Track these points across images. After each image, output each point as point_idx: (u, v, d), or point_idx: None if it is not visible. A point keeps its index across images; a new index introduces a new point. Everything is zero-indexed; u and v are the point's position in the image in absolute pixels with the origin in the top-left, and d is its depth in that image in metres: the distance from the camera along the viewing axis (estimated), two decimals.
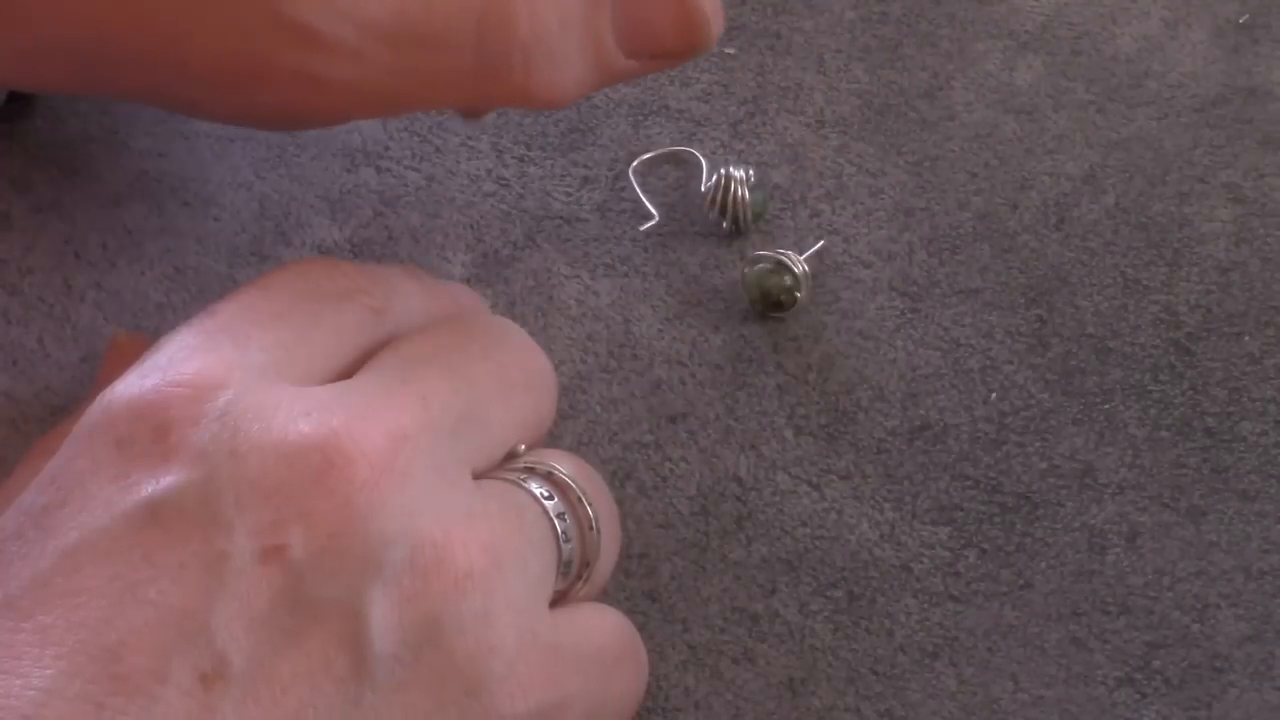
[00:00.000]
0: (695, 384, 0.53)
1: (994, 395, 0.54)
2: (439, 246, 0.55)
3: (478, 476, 0.43)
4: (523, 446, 0.46)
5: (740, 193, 0.56)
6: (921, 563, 0.50)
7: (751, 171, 0.56)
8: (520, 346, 0.47)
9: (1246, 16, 0.64)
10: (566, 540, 0.44)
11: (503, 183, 0.57)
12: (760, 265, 0.54)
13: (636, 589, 0.49)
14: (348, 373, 0.44)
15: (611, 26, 0.48)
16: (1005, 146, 0.60)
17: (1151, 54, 0.63)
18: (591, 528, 0.44)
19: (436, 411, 0.42)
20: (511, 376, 0.46)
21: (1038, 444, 0.53)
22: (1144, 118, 0.61)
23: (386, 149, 0.57)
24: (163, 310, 0.52)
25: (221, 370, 0.40)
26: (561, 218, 0.56)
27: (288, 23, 0.45)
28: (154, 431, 0.39)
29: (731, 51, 0.62)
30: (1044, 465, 0.52)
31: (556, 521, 0.44)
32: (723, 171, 0.56)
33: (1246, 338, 0.55)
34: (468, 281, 0.54)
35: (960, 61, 0.62)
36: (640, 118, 0.59)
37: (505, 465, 0.45)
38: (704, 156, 0.58)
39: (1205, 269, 0.57)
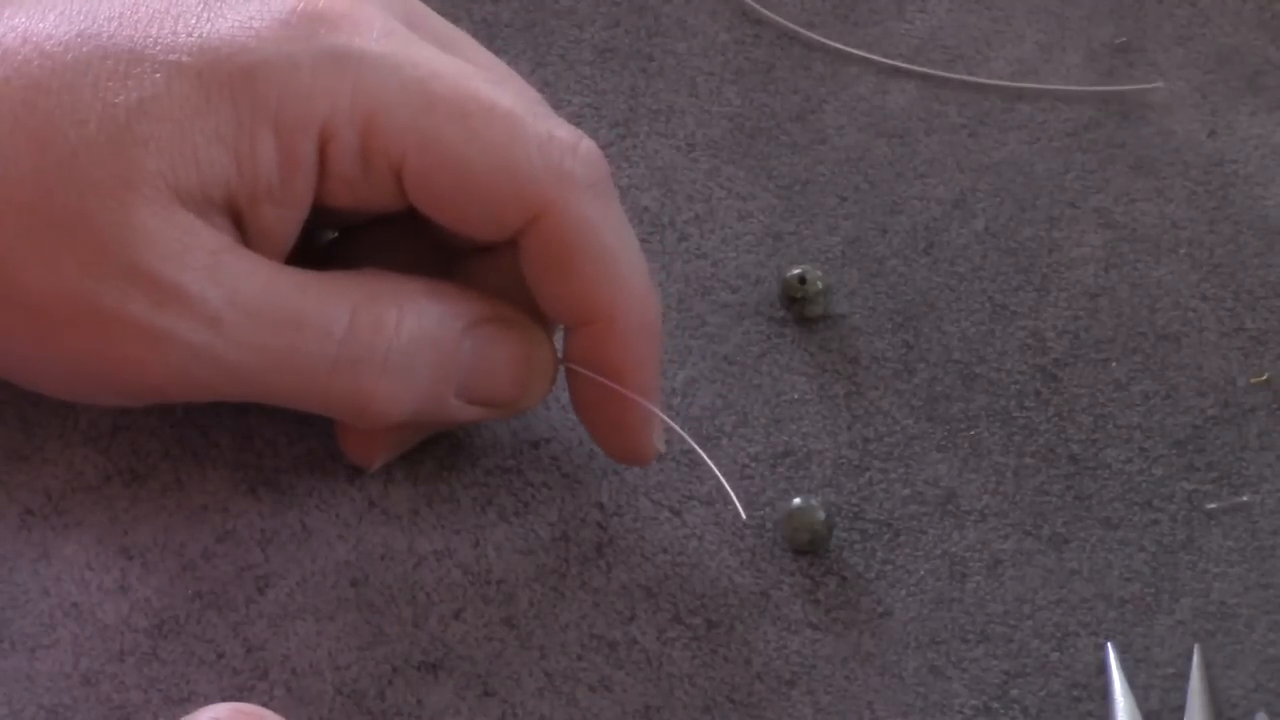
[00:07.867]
0: (559, 408, 0.53)
1: (858, 421, 0.53)
2: None
3: None
4: None
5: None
6: (781, 590, 0.50)
7: None
8: None
9: (1123, 39, 0.64)
10: None
11: None
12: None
13: (494, 615, 0.49)
14: None
15: (458, 363, 0.48)
16: (876, 170, 0.60)
17: (1025, 77, 0.63)
18: None
19: None
20: None
21: (901, 470, 0.52)
22: (1016, 142, 0.61)
23: None
24: None
25: None
26: None
27: (142, 273, 0.44)
28: None
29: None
30: (906, 492, 0.52)
31: None
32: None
33: (1113, 364, 0.55)
34: None
35: (833, 84, 0.62)
36: None
37: None
38: None
39: (1074, 294, 0.57)
